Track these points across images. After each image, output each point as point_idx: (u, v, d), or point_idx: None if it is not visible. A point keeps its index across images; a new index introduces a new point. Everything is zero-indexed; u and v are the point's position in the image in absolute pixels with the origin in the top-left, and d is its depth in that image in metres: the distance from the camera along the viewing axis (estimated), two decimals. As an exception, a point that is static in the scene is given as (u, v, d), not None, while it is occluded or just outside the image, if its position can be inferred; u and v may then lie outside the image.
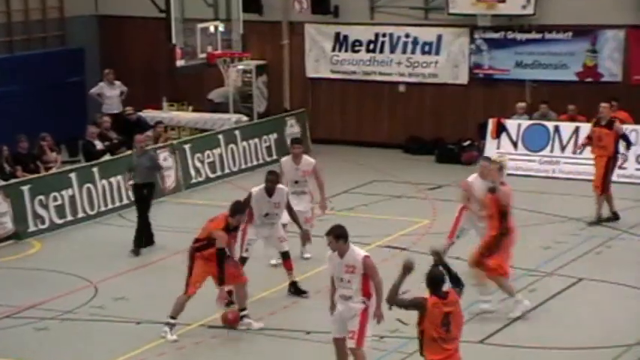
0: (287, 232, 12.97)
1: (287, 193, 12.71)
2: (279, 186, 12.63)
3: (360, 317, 9.56)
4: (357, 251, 9.62)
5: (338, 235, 9.56)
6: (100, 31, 23.73)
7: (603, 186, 15.45)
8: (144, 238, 14.86)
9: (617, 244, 14.65)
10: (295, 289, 12.71)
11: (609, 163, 15.53)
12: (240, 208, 11.69)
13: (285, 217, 12.81)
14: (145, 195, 14.98)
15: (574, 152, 17.97)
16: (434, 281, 8.41)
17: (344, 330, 9.67)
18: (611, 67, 19.83)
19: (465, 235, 13.20)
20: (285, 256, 12.72)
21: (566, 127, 19.11)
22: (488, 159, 13.31)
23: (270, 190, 12.49)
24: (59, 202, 15.99)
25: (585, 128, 18.92)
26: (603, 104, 15.90)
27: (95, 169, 16.72)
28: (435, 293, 8.38)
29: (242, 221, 11.91)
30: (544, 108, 19.60)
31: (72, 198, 16.18)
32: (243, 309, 11.59)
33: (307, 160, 13.85)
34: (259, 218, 12.60)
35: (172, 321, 11.43)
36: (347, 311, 9.64)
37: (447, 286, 8.45)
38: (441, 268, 8.56)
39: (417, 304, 8.36)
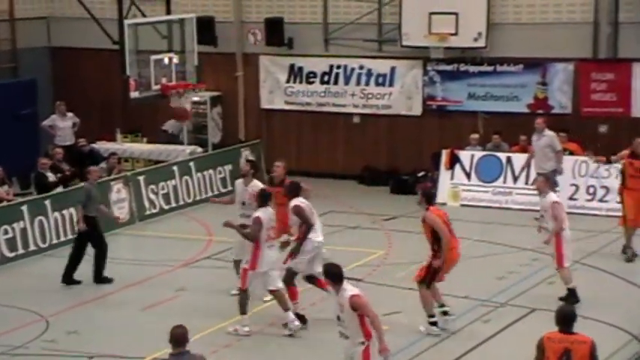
0: None
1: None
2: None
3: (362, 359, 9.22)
4: (348, 290, 9.35)
5: (324, 272, 9.59)
6: (52, 62, 23.60)
7: None
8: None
9: (569, 274, 14.79)
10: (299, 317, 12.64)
11: None
12: None
13: None
14: (98, 228, 14.83)
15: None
16: (562, 318, 8.35)
17: None
18: (561, 100, 20.15)
19: None
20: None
21: (519, 158, 19.32)
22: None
23: None
24: (10, 234, 15.77)
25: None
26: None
27: (47, 202, 16.54)
28: (561, 329, 8.31)
29: None
30: (496, 139, 19.83)
31: (23, 230, 15.97)
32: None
33: (256, 183, 13.80)
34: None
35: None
36: (348, 350, 9.36)
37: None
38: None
39: (537, 347, 8.32)
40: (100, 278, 14.59)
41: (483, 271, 14.54)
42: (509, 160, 19.37)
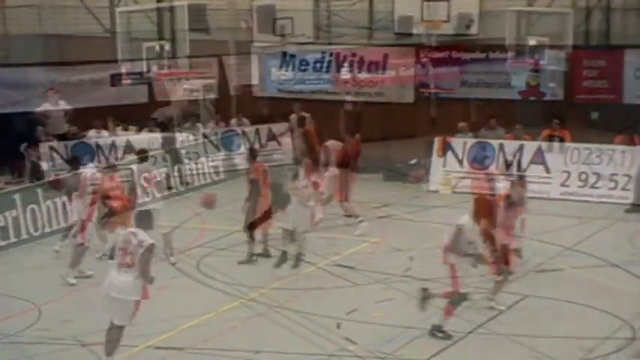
0: None
1: None
2: None
3: None
4: None
5: None
6: (44, 50, 23.50)
7: None
8: None
9: (561, 261, 14.86)
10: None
11: None
12: None
13: None
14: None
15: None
16: None
17: None
18: (553, 87, 20.17)
19: None
20: None
21: (511, 146, 19.35)
22: None
23: None
24: (2, 223, 15.74)
25: (529, 146, 19.25)
26: None
27: (39, 190, 16.52)
28: None
29: None
30: (492, 122, 19.87)
31: (15, 219, 15.95)
32: None
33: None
34: None
35: None
36: None
37: None
38: None
39: None
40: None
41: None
42: (501, 147, 19.39)
